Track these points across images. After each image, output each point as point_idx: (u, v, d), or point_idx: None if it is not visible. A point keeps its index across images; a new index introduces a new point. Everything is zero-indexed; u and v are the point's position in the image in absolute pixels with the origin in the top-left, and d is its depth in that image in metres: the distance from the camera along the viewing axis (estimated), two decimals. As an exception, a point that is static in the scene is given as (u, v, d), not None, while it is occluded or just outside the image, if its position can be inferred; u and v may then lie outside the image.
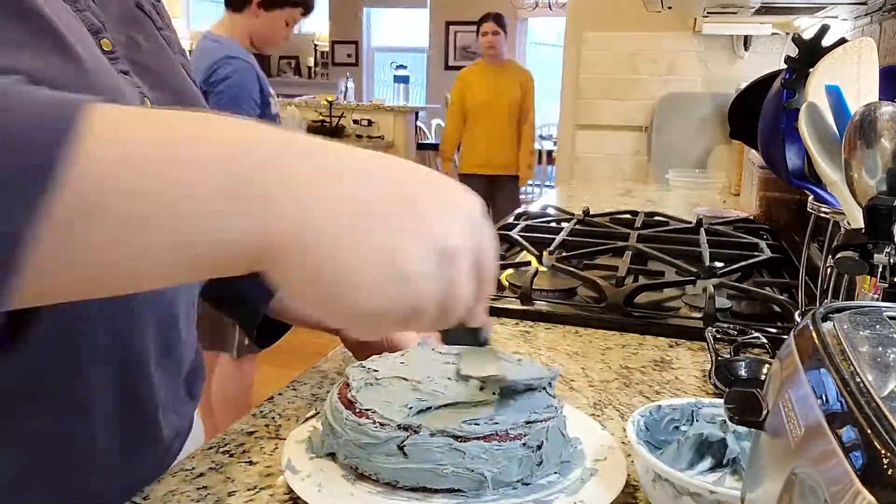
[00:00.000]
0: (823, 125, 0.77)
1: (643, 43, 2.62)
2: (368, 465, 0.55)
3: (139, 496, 0.57)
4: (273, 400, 0.74)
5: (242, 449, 0.64)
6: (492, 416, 0.56)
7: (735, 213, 1.81)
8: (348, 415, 0.56)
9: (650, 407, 0.61)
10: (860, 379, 0.31)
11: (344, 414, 0.57)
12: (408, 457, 0.53)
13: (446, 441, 0.54)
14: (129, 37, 0.59)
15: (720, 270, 1.17)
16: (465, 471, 0.53)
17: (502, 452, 0.54)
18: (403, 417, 0.55)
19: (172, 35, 0.66)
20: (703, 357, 0.88)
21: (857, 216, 0.68)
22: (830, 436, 0.29)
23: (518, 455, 0.55)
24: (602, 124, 2.73)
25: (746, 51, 2.51)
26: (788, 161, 0.90)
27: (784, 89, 0.87)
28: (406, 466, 0.54)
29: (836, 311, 0.39)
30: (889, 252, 0.55)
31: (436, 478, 0.54)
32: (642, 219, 1.66)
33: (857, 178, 0.60)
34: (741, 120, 1.11)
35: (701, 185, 2.37)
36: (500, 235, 1.43)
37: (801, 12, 1.84)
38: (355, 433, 0.55)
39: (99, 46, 0.53)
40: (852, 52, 0.80)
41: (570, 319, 1.00)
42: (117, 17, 0.59)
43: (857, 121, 0.60)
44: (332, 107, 4.75)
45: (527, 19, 8.34)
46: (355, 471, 0.56)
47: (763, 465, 0.38)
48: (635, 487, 0.60)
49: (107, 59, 0.53)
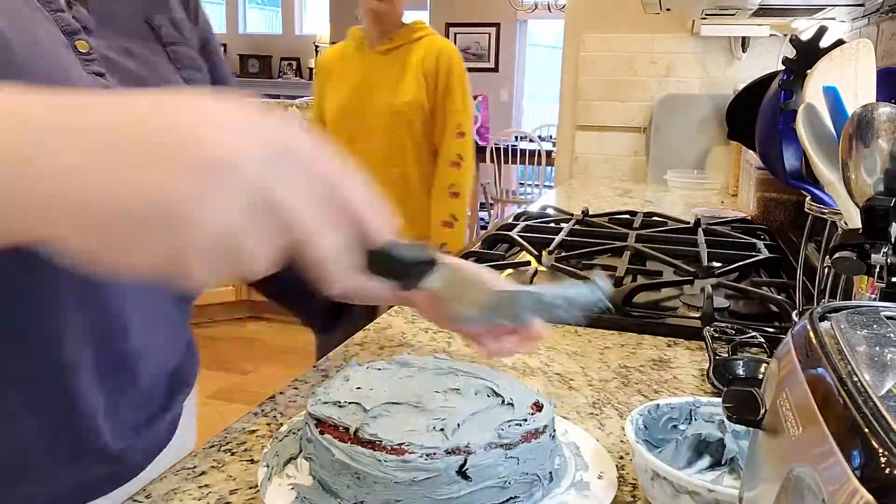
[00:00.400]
0: (821, 126, 0.77)
1: (642, 44, 2.62)
2: (427, 501, 0.50)
3: (141, 494, 0.57)
4: (274, 398, 0.74)
5: (244, 447, 0.64)
6: (509, 418, 0.55)
7: (733, 214, 1.82)
8: (382, 455, 0.50)
9: (648, 406, 0.62)
10: (857, 378, 0.31)
11: (376, 455, 0.50)
12: (471, 479, 0.50)
13: (500, 452, 0.52)
14: (122, 48, 0.61)
15: (718, 270, 1.17)
16: (521, 475, 0.53)
17: (542, 448, 0.55)
18: (443, 441, 0.51)
19: (188, 50, 0.67)
20: (702, 356, 0.89)
21: (854, 216, 0.68)
22: (828, 435, 0.29)
23: (551, 448, 0.56)
24: (601, 125, 2.73)
25: (744, 52, 2.52)
26: (786, 162, 0.90)
27: (782, 90, 0.88)
28: (471, 490, 0.50)
29: (833, 311, 0.39)
30: (886, 252, 0.56)
31: (500, 492, 0.52)
32: (641, 219, 1.66)
33: (854, 179, 0.60)
34: (739, 121, 1.11)
35: (699, 186, 2.37)
36: (501, 236, 1.43)
37: (799, 14, 1.85)
38: (404, 472, 0.49)
39: (73, 47, 0.56)
40: (850, 54, 0.81)
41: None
42: (119, 27, 0.61)
43: (854, 122, 0.60)
44: (331, 107, 4.76)
45: (526, 21, 8.33)
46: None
47: (761, 464, 0.38)
48: (634, 486, 0.60)
49: (80, 59, 0.56)
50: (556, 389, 0.79)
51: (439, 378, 0.61)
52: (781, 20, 2.09)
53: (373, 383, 0.60)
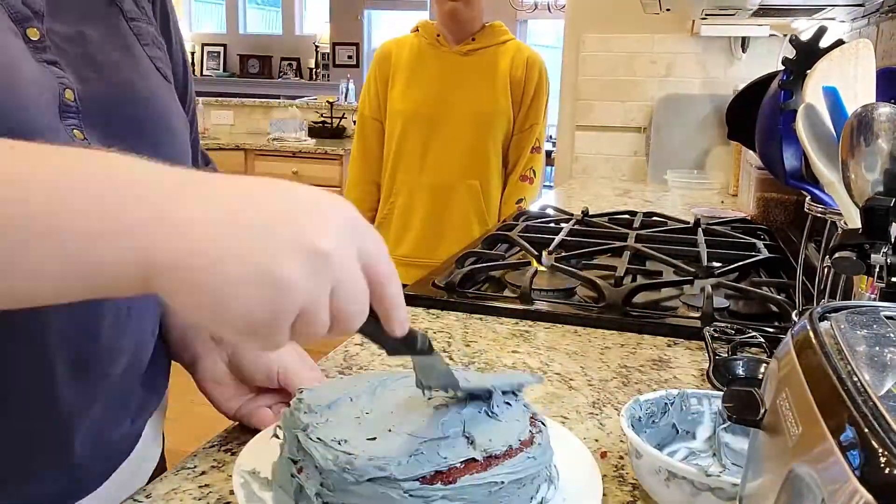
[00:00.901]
0: (821, 126, 0.77)
1: (642, 44, 2.62)
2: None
3: (141, 494, 0.57)
4: (273, 399, 0.74)
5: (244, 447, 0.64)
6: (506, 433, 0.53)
7: (733, 214, 1.82)
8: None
9: (638, 403, 0.63)
10: (857, 378, 0.31)
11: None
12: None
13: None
14: (78, 31, 0.59)
15: (718, 270, 1.17)
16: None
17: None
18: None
19: (148, 27, 0.65)
20: (701, 356, 0.89)
21: (853, 216, 0.68)
22: (828, 435, 0.29)
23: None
24: (601, 125, 2.73)
25: (744, 52, 2.52)
26: (786, 162, 0.90)
27: (781, 90, 0.88)
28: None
29: (833, 311, 0.39)
30: (886, 252, 0.56)
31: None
32: (641, 219, 1.66)
33: (854, 179, 0.60)
34: (739, 121, 1.11)
35: (699, 186, 2.37)
36: (500, 236, 1.43)
37: (799, 14, 1.85)
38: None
39: (23, 35, 0.54)
40: (849, 54, 0.81)
41: (569, 319, 1.01)
42: (73, 10, 0.59)
43: (854, 122, 0.60)
44: (332, 108, 4.75)
45: (526, 21, 8.34)
46: None
47: (761, 463, 0.38)
48: (634, 486, 0.60)
49: (30, 47, 0.54)
50: (555, 389, 0.79)
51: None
52: (781, 20, 2.09)
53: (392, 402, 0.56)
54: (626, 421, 0.59)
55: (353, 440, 0.50)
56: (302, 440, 0.50)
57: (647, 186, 2.53)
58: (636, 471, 0.58)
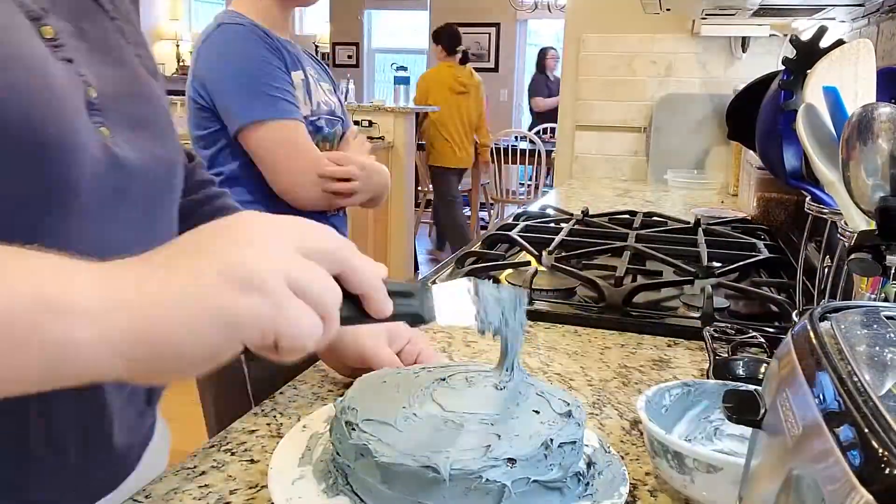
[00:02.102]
0: (821, 126, 0.77)
1: (642, 44, 2.62)
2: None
3: (141, 494, 0.57)
4: (274, 398, 0.74)
5: (244, 448, 0.64)
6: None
7: (733, 214, 1.82)
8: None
9: (654, 394, 0.63)
10: (857, 378, 0.31)
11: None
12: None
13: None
14: (78, 28, 0.57)
15: (718, 270, 1.17)
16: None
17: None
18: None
19: (127, 27, 0.64)
20: (702, 356, 0.89)
21: (854, 216, 0.68)
22: (828, 435, 0.29)
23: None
24: (601, 125, 2.73)
25: (744, 52, 2.52)
26: (786, 162, 0.90)
27: (782, 90, 0.88)
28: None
29: (833, 311, 0.39)
30: (900, 253, 0.56)
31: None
32: (641, 219, 1.66)
33: (854, 179, 0.60)
34: (739, 121, 1.11)
35: (699, 186, 2.38)
36: (500, 235, 1.43)
37: (799, 14, 1.85)
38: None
39: (39, 34, 0.51)
40: (850, 54, 0.81)
41: (570, 319, 1.01)
42: (67, 6, 0.57)
43: (854, 122, 0.60)
44: (331, 107, 4.75)
45: (526, 21, 8.34)
46: None
47: (761, 464, 0.38)
48: (634, 486, 0.60)
49: (49, 46, 0.52)
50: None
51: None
52: (782, 20, 2.09)
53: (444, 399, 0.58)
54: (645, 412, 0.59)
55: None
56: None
57: (647, 186, 2.53)
58: (670, 472, 0.57)
